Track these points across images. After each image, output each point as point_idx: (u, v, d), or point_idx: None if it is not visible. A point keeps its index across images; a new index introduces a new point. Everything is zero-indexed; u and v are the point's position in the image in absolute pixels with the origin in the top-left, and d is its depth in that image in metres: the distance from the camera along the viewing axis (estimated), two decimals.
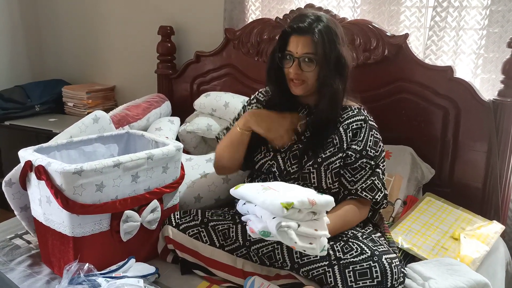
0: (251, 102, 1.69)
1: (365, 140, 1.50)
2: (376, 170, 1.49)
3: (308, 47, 1.43)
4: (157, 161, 1.49)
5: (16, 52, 3.02)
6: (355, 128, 1.51)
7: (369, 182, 1.47)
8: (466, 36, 1.98)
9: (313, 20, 1.44)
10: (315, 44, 1.42)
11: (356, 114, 1.53)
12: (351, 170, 1.49)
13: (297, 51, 1.45)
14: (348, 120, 1.52)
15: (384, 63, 2.03)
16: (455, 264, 1.47)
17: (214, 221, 1.53)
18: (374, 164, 1.49)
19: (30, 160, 1.41)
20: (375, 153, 1.50)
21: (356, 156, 1.48)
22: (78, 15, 2.97)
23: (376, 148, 1.51)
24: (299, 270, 1.37)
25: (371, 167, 1.48)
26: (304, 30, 1.43)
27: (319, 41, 1.42)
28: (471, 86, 1.90)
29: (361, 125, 1.51)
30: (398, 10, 2.07)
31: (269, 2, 2.32)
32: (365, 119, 1.53)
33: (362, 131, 1.50)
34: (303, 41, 1.44)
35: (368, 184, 1.47)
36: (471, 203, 1.89)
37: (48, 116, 2.84)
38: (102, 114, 1.84)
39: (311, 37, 1.42)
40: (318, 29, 1.42)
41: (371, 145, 1.50)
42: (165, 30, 2.53)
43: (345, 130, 1.51)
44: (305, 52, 1.44)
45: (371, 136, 1.51)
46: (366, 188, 1.47)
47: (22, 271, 1.48)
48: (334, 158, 1.49)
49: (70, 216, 1.35)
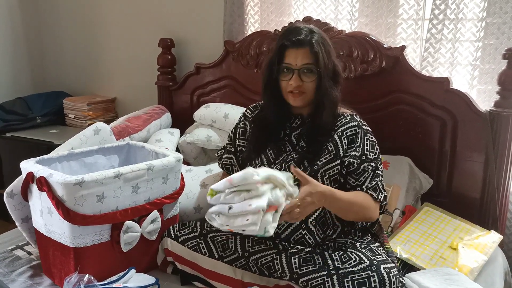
0: (240, 121, 1.71)
1: (362, 145, 1.51)
2: (376, 172, 1.51)
3: (307, 58, 1.46)
4: (157, 172, 1.50)
5: (18, 65, 3.05)
6: (350, 134, 1.53)
7: (373, 182, 1.49)
8: (462, 48, 2.00)
9: (307, 32, 1.48)
10: (314, 55, 1.46)
11: (350, 120, 1.55)
12: (355, 175, 1.50)
13: (296, 63, 1.48)
14: (342, 127, 1.54)
15: (382, 74, 2.05)
16: (453, 274, 1.47)
17: (213, 233, 1.54)
18: (375, 166, 1.51)
19: (31, 172, 1.43)
20: (374, 156, 1.52)
21: (357, 162, 1.49)
22: (80, 27, 3.00)
23: (374, 150, 1.53)
24: (298, 280, 1.38)
25: (372, 169, 1.50)
26: (302, 42, 1.46)
27: (318, 52, 1.45)
28: (468, 97, 1.92)
29: (355, 131, 1.53)
30: (395, 23, 2.10)
31: (268, 15, 2.35)
32: (359, 124, 1.55)
33: (358, 136, 1.52)
34: (302, 52, 1.47)
35: (372, 185, 1.49)
36: (469, 213, 1.90)
37: (49, 128, 2.85)
38: (103, 125, 1.86)
39: (309, 48, 1.46)
40: (315, 40, 1.46)
41: (368, 149, 1.52)
42: (166, 43, 2.56)
43: (339, 137, 1.52)
44: (305, 63, 1.47)
45: (367, 140, 1.53)
46: (371, 188, 1.48)
47: (23, 282, 1.49)
48: (330, 165, 1.50)
49: (71, 227, 1.36)
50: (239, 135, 1.69)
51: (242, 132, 1.68)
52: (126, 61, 2.88)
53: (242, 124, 1.69)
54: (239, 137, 1.69)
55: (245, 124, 1.68)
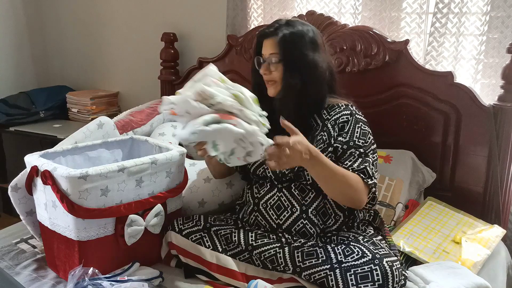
0: None
1: (351, 131, 1.51)
2: (366, 158, 1.48)
3: (272, 48, 1.51)
4: (160, 166, 1.51)
5: (21, 59, 3.05)
6: (341, 122, 1.53)
7: (361, 166, 1.46)
8: (466, 41, 2.00)
9: (281, 25, 1.52)
10: (280, 45, 1.49)
11: (343, 110, 1.55)
12: (342, 160, 1.48)
13: (265, 53, 1.53)
14: (335, 116, 1.54)
15: (385, 68, 2.05)
16: (456, 268, 1.48)
17: (216, 226, 1.54)
18: (363, 152, 1.49)
19: (36, 165, 1.43)
20: (364, 143, 1.50)
21: (343, 147, 1.49)
22: (83, 22, 3.00)
23: (365, 138, 1.51)
24: (301, 274, 1.38)
25: (360, 154, 1.48)
26: (269, 34, 1.52)
27: (280, 42, 1.49)
28: (472, 91, 1.92)
29: (347, 119, 1.53)
30: (398, 16, 2.09)
31: (271, 9, 2.34)
32: (352, 113, 1.54)
33: (348, 124, 1.52)
34: (270, 43, 1.52)
35: (360, 168, 1.46)
36: (472, 207, 1.90)
37: (52, 122, 2.86)
38: (106, 120, 1.86)
39: (275, 38, 1.50)
40: (283, 31, 1.50)
41: (358, 136, 1.51)
42: (169, 37, 2.56)
43: (332, 126, 1.53)
44: (271, 52, 1.52)
45: (358, 128, 1.52)
46: (359, 171, 1.45)
47: (27, 275, 1.49)
48: (324, 154, 1.45)
49: (75, 220, 1.37)
50: None
51: None
52: (129, 55, 2.88)
53: None
54: None
55: None
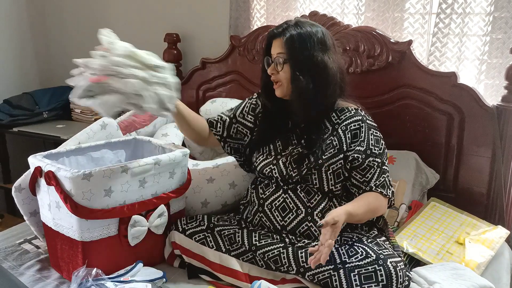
0: (253, 97, 1.74)
1: (367, 139, 1.52)
2: (383, 168, 1.51)
3: (279, 48, 1.51)
4: (164, 166, 1.51)
5: (24, 60, 3.06)
6: (354, 129, 1.53)
7: (381, 179, 1.49)
8: (470, 42, 1.99)
9: (290, 25, 1.51)
10: (286, 45, 1.49)
11: (354, 115, 1.55)
12: (361, 171, 1.50)
13: (273, 53, 1.54)
14: (346, 121, 1.54)
15: (388, 69, 2.04)
16: (460, 269, 1.47)
17: (220, 226, 1.55)
18: (381, 162, 1.51)
19: (39, 166, 1.43)
20: (379, 151, 1.52)
21: (362, 157, 1.49)
22: (86, 23, 3.00)
23: (379, 145, 1.53)
24: (304, 274, 1.38)
25: (378, 165, 1.50)
26: (278, 34, 1.52)
27: (287, 42, 1.49)
28: (475, 92, 1.91)
29: (359, 125, 1.53)
30: (401, 17, 2.09)
31: (274, 10, 2.34)
32: (363, 119, 1.54)
33: (361, 131, 1.52)
34: (278, 43, 1.52)
35: (381, 182, 1.49)
36: (475, 208, 1.90)
37: (55, 123, 2.86)
38: (109, 120, 1.86)
39: (282, 38, 1.50)
40: (290, 32, 1.49)
41: (373, 143, 1.52)
42: (171, 38, 2.56)
43: (343, 131, 1.53)
44: (278, 52, 1.52)
45: (371, 135, 1.53)
46: (379, 185, 1.49)
47: (31, 275, 1.50)
48: (334, 160, 1.50)
49: (79, 221, 1.37)
50: (247, 108, 1.71)
51: (252, 108, 1.70)
52: None
53: (254, 100, 1.72)
54: (245, 110, 1.71)
55: (257, 102, 1.71)
